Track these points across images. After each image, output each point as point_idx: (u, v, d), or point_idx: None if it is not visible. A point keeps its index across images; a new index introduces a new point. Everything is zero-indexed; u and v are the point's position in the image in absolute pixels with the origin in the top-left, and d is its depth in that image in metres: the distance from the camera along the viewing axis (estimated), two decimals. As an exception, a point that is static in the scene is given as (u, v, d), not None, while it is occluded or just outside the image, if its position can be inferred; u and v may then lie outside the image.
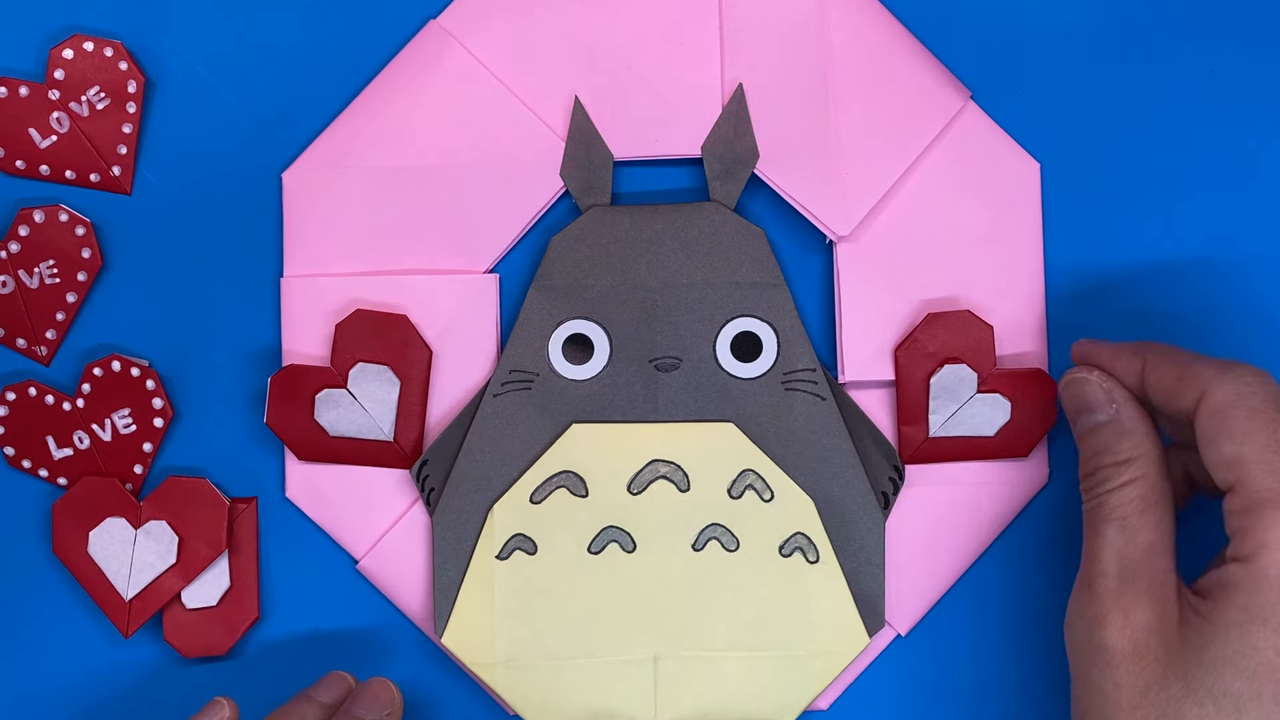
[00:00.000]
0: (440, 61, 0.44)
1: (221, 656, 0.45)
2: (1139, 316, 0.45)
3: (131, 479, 0.45)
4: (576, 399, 0.44)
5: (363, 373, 0.44)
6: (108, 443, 0.44)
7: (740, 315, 0.44)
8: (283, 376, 0.44)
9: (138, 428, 0.44)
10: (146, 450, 0.44)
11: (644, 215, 0.44)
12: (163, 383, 0.45)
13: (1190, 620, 0.36)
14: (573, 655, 0.43)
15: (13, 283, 0.45)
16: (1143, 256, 0.45)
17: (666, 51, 0.44)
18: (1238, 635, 0.34)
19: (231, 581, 0.44)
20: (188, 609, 0.44)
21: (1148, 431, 0.39)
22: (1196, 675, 0.35)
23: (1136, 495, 0.37)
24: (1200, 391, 0.36)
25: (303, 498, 0.45)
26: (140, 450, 0.44)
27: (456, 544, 0.43)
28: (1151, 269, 0.45)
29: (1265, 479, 0.35)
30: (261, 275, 0.45)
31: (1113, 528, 0.37)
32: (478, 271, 0.44)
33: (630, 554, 0.43)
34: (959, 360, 0.44)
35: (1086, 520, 0.39)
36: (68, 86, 0.44)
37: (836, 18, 0.44)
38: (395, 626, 0.45)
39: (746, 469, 0.43)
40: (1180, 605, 0.36)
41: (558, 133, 0.44)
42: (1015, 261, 0.44)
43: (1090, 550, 0.38)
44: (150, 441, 0.44)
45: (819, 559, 0.43)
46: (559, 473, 0.43)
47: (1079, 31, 0.45)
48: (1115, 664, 0.36)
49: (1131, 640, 0.36)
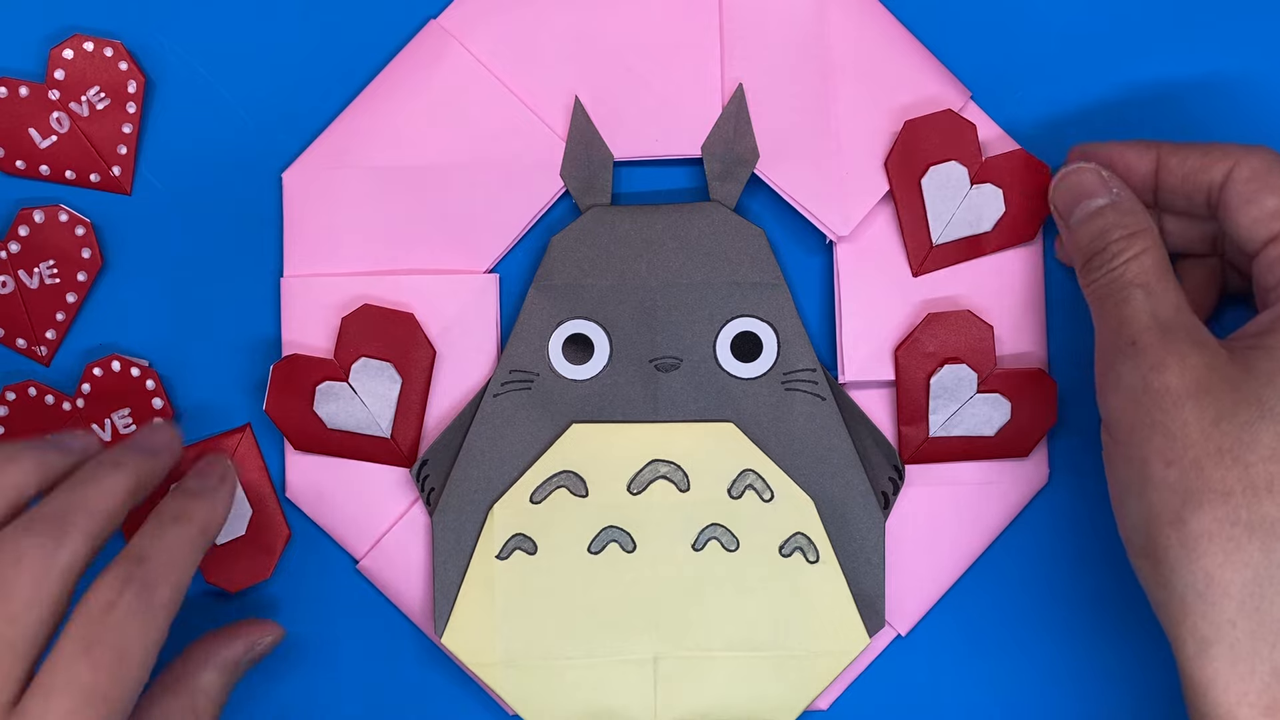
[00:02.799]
0: (440, 61, 0.44)
1: (268, 580, 0.45)
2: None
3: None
4: (576, 399, 0.44)
5: (365, 368, 0.44)
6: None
7: (740, 315, 0.44)
8: (285, 365, 0.44)
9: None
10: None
11: (644, 215, 0.44)
12: (163, 382, 0.45)
13: (1247, 356, 0.36)
14: (573, 655, 0.43)
15: (13, 283, 0.45)
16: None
17: (666, 51, 0.44)
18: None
19: (253, 507, 0.44)
20: (219, 545, 0.44)
21: (1146, 212, 0.40)
22: (1270, 396, 0.35)
23: (1153, 262, 0.38)
24: (1231, 163, 0.39)
25: (302, 498, 0.45)
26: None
27: (456, 544, 0.43)
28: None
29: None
30: (262, 275, 0.45)
31: (1138, 293, 0.38)
32: (478, 271, 0.44)
33: (630, 554, 0.43)
34: (959, 360, 0.44)
35: (1102, 297, 0.39)
36: (68, 86, 0.44)
37: (836, 18, 0.44)
38: (395, 626, 0.45)
39: (746, 469, 0.43)
40: (1230, 349, 0.37)
41: (558, 133, 0.44)
42: (1015, 261, 0.44)
43: (1120, 316, 0.38)
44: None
45: (819, 559, 0.43)
46: (559, 473, 0.43)
47: (1079, 31, 0.45)
48: (1180, 403, 0.36)
49: (1194, 379, 0.36)
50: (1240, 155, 0.39)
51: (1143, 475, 0.36)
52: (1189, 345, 0.36)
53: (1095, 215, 0.40)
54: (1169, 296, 0.38)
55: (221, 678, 0.40)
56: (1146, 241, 0.38)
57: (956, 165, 0.43)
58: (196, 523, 0.37)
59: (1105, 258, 0.39)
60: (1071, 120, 0.45)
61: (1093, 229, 0.40)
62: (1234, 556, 0.34)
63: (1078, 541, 0.45)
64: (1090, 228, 0.40)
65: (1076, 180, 0.41)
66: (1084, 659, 0.45)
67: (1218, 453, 0.35)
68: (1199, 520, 0.35)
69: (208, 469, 0.40)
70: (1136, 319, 0.37)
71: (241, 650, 0.41)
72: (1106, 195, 0.40)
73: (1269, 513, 0.34)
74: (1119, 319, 0.38)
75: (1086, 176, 0.40)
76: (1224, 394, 0.35)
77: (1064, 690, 0.45)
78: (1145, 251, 0.38)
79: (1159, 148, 0.41)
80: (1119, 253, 0.39)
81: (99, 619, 0.33)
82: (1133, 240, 0.39)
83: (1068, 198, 0.41)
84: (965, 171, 0.43)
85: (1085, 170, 0.41)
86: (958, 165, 0.43)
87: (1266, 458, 0.34)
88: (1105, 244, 0.39)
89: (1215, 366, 0.36)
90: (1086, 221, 0.40)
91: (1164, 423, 0.36)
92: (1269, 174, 0.38)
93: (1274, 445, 0.34)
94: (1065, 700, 0.45)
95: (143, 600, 0.34)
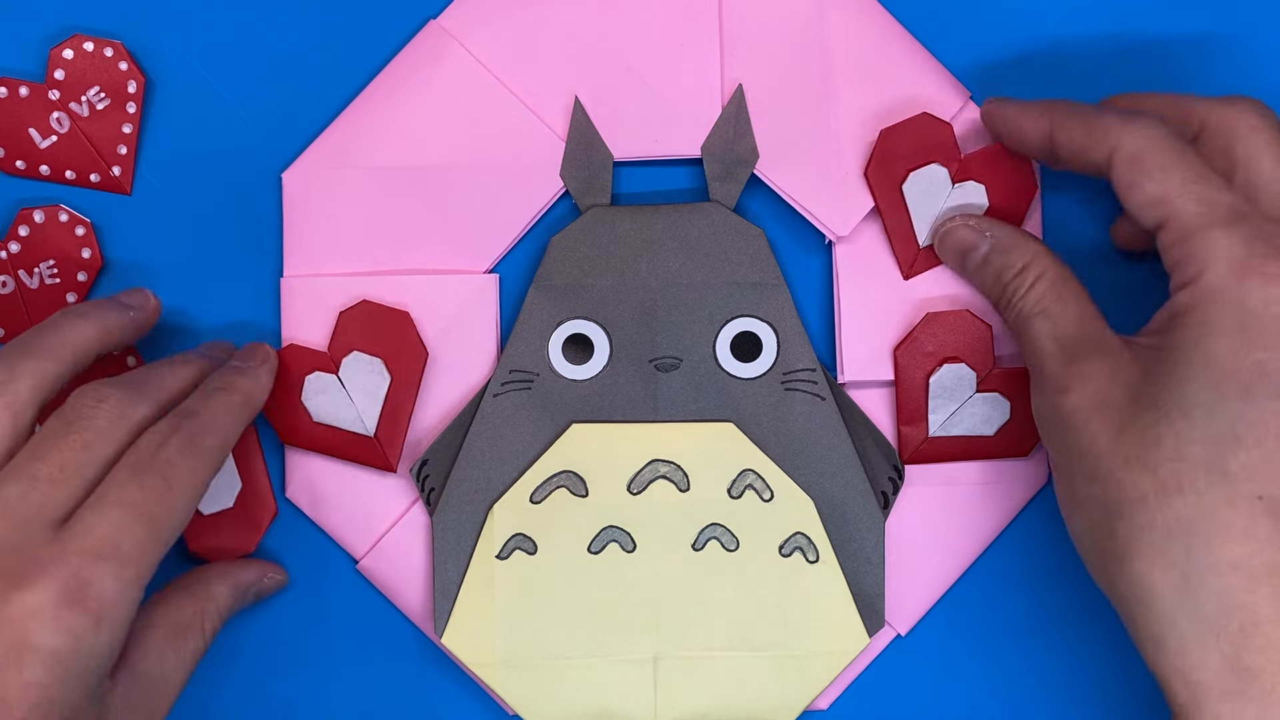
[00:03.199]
0: (440, 62, 0.44)
1: (252, 555, 0.45)
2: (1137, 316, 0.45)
3: None
4: (576, 399, 0.44)
5: (355, 362, 0.44)
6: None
7: (740, 315, 0.44)
8: (281, 355, 0.44)
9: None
10: None
11: (644, 215, 0.44)
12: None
13: (1146, 357, 0.37)
14: (573, 655, 0.43)
15: (13, 283, 0.45)
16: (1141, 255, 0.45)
17: (666, 52, 0.44)
18: (1195, 350, 0.35)
19: (243, 481, 0.44)
20: (205, 515, 0.44)
21: (1028, 236, 0.41)
22: (1165, 398, 0.35)
23: (1046, 287, 0.39)
24: (1111, 145, 0.38)
25: (302, 498, 0.45)
26: None
27: (456, 544, 0.43)
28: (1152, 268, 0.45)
29: (1190, 206, 0.36)
30: (262, 275, 0.45)
31: (1038, 321, 0.39)
32: (478, 271, 0.44)
33: (630, 554, 0.43)
34: (958, 360, 0.44)
35: (1015, 334, 0.40)
36: (68, 86, 0.44)
37: (836, 18, 0.44)
38: (395, 626, 0.45)
39: (746, 469, 0.43)
40: (1132, 350, 0.37)
41: (558, 133, 0.44)
42: (1015, 261, 0.44)
43: (1028, 349, 0.39)
44: None
45: (819, 559, 0.43)
46: (559, 472, 0.43)
47: (1079, 31, 0.45)
48: (1086, 420, 0.37)
49: (1094, 395, 0.37)
50: (1120, 135, 0.38)
51: (1072, 495, 0.37)
52: (1091, 360, 0.37)
53: (982, 265, 0.42)
54: (1069, 313, 0.39)
55: (232, 594, 0.42)
56: (1036, 269, 0.40)
57: (936, 167, 0.43)
58: (240, 392, 0.40)
59: (1006, 298, 0.41)
60: (1071, 120, 0.45)
61: (985, 278, 0.42)
62: (1159, 560, 0.35)
63: (1077, 541, 0.45)
64: (982, 278, 0.42)
65: (953, 240, 0.42)
66: (1084, 658, 0.45)
67: (1126, 462, 0.35)
68: (1123, 530, 0.35)
69: (250, 352, 0.43)
70: (1041, 347, 0.39)
71: (254, 576, 0.43)
72: (984, 242, 0.42)
73: (1181, 513, 0.34)
74: (1029, 351, 0.39)
75: (959, 233, 0.42)
76: (1124, 403, 0.36)
77: (1063, 690, 0.45)
78: (1038, 279, 0.40)
79: (1052, 115, 0.40)
80: (1015, 290, 0.40)
81: (149, 453, 0.37)
82: (1023, 275, 0.40)
83: (952, 258, 0.43)
84: (945, 172, 0.43)
85: (956, 228, 0.42)
86: (938, 167, 0.43)
87: (1170, 458, 0.35)
88: (1001, 287, 0.41)
89: (1117, 375, 0.37)
90: (976, 273, 0.42)
91: (1076, 443, 0.37)
92: (1144, 157, 0.37)
93: (1176, 445, 0.35)
94: (1065, 700, 0.45)
95: (189, 444, 0.37)
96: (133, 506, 0.35)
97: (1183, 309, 0.36)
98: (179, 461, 0.37)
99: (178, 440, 0.37)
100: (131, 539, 0.35)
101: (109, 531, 0.35)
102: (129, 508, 0.35)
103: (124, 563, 0.35)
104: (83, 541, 0.35)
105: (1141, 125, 0.38)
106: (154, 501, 0.36)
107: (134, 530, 0.35)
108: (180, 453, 0.37)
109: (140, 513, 0.35)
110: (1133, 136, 0.38)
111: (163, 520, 0.36)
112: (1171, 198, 0.37)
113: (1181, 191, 0.37)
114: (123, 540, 0.35)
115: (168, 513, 0.36)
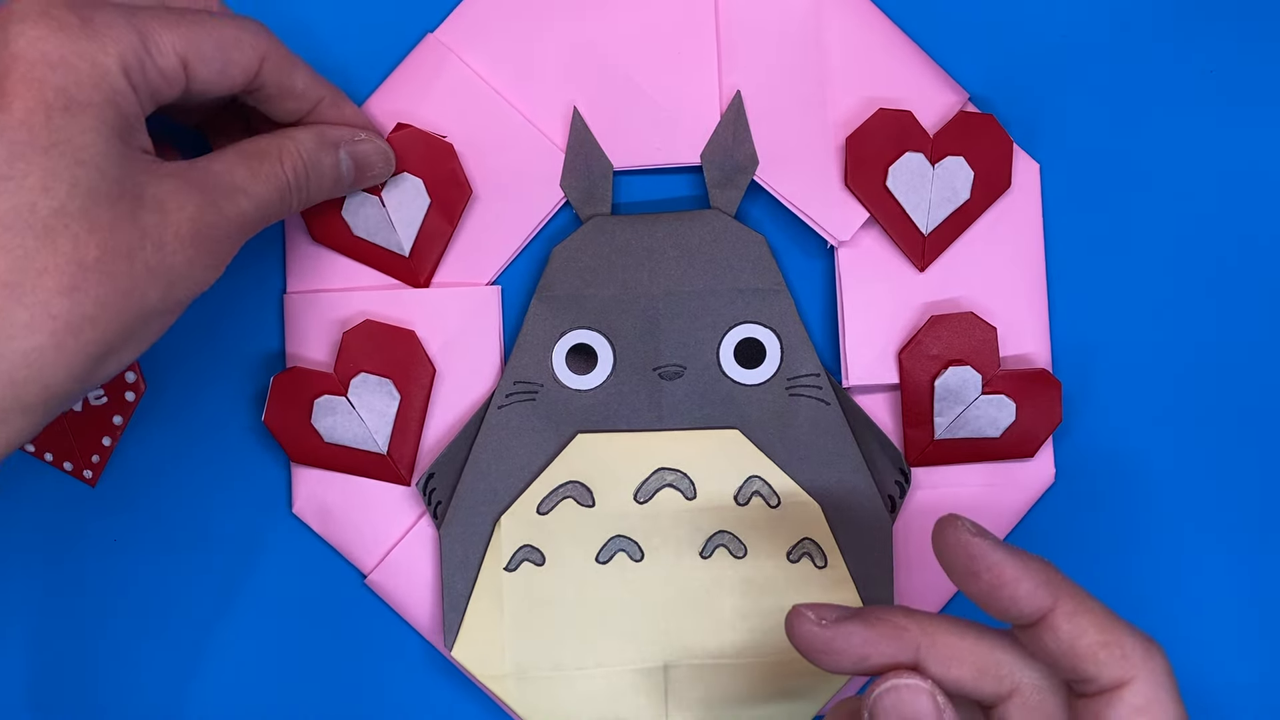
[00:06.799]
0: (438, 75, 0.44)
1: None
2: (1140, 315, 0.45)
3: (91, 468, 0.44)
4: (581, 409, 0.44)
5: (364, 383, 0.44)
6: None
7: (743, 322, 0.44)
8: (285, 377, 0.44)
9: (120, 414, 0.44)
10: (106, 444, 0.44)
11: (645, 224, 0.44)
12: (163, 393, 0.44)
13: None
14: (583, 665, 0.43)
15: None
16: (1143, 255, 0.45)
17: (664, 60, 0.44)
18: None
19: None
20: None
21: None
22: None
23: None
24: (1128, 675, 0.33)
25: (309, 513, 0.45)
26: (100, 445, 0.44)
27: (464, 556, 0.43)
28: (1152, 268, 0.45)
29: None
30: (265, 290, 0.45)
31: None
32: (480, 284, 0.44)
33: (638, 563, 0.43)
34: (963, 362, 0.44)
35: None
36: (66, 107, 0.44)
37: (833, 23, 0.44)
38: (404, 640, 0.45)
39: (752, 475, 0.43)
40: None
41: (557, 143, 0.44)
42: (1017, 262, 0.44)
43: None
44: (109, 437, 0.44)
45: (827, 564, 0.43)
46: (565, 483, 0.43)
47: (1079, 31, 0.45)
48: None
49: None
50: (1138, 669, 0.33)
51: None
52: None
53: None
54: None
55: (315, 140, 0.40)
56: None
57: (911, 155, 0.43)
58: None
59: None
60: (1071, 120, 0.45)
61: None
62: None
63: (1084, 541, 0.45)
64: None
65: (911, 704, 0.34)
66: (1094, 658, 0.45)
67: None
68: None
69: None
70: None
71: (344, 132, 0.41)
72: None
73: None
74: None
75: (921, 700, 0.34)
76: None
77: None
78: None
79: (1058, 599, 0.33)
80: None
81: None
82: None
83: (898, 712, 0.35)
84: (921, 156, 0.43)
85: (921, 692, 0.34)
86: (912, 154, 0.43)
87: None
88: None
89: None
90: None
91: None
92: (1155, 704, 0.33)
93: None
94: (1076, 700, 0.45)
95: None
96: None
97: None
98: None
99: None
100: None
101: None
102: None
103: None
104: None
105: (1158, 659, 0.33)
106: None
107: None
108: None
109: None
110: (1152, 673, 0.33)
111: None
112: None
113: None
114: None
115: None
